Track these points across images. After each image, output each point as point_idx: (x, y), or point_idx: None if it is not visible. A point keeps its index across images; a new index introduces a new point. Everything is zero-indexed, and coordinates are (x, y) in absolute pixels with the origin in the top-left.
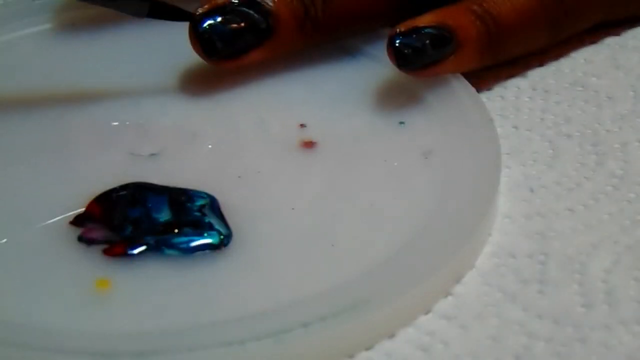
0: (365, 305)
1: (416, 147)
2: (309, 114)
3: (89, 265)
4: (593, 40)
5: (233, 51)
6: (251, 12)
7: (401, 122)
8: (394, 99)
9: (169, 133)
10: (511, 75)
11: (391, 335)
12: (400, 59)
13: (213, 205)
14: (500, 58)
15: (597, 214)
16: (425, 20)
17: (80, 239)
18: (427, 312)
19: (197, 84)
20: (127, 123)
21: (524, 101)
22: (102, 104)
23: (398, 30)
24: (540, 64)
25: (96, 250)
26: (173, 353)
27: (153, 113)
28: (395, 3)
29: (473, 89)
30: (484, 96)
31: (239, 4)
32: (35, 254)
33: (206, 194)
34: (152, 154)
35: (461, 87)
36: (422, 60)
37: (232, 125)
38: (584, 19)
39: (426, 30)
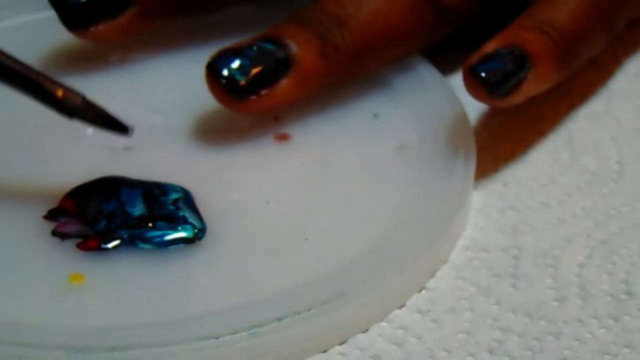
0: (338, 299)
1: (390, 140)
2: (283, 107)
3: (63, 259)
4: None
5: (256, 86)
6: (268, 46)
7: (375, 115)
8: (368, 92)
9: (143, 127)
10: None
11: (365, 330)
12: (490, 87)
13: (187, 199)
14: (574, 66)
15: (570, 208)
16: (492, 46)
17: (54, 233)
18: (401, 307)
19: (172, 77)
20: None
21: None
22: None
23: (474, 59)
24: None
25: (70, 245)
26: (147, 347)
27: (127, 106)
28: (420, 28)
29: (448, 84)
30: (459, 92)
31: (253, 44)
32: (8, 248)
33: (180, 187)
34: (126, 148)
35: (436, 82)
36: (511, 82)
37: (206, 119)
38: (627, 14)
39: (501, 51)
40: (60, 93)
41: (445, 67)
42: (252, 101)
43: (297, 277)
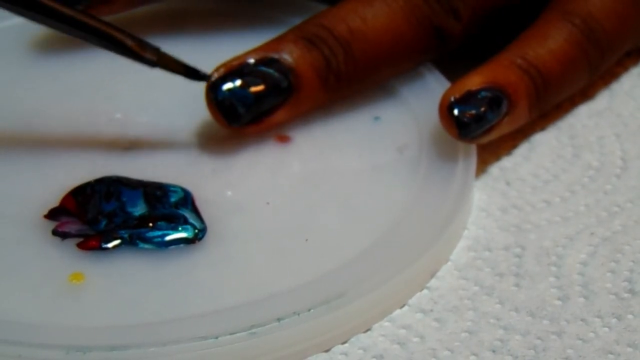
0: (340, 299)
1: (391, 142)
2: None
3: (63, 259)
4: None
5: (256, 115)
6: (270, 71)
7: (376, 118)
8: (370, 94)
9: (144, 127)
10: None
11: (367, 329)
12: (462, 128)
13: (187, 199)
14: (546, 109)
15: (573, 206)
16: (476, 82)
17: (55, 232)
18: (402, 306)
19: (172, 78)
20: (103, 117)
21: None
22: (78, 97)
23: (452, 97)
24: None
25: (70, 244)
26: (147, 347)
27: (128, 107)
28: (423, 52)
29: (448, 84)
30: None
31: (256, 64)
32: (9, 248)
33: (181, 188)
34: (127, 148)
35: (436, 82)
36: (483, 127)
37: (207, 120)
38: (618, 52)
39: (482, 94)
40: (139, 47)
41: (446, 69)
42: (250, 127)
43: (297, 278)
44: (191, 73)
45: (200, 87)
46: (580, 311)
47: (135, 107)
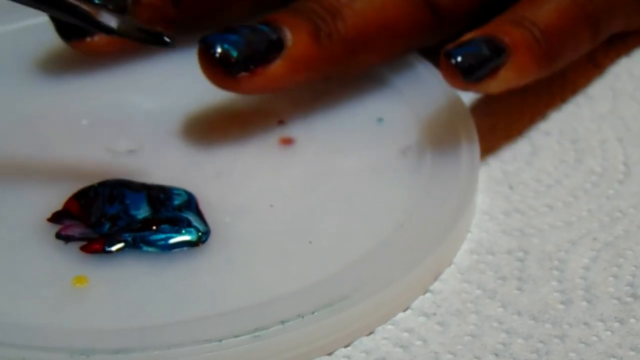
0: (343, 302)
1: (394, 144)
2: (288, 111)
3: (67, 262)
4: None
5: (249, 62)
6: (260, 26)
7: (379, 119)
8: (373, 96)
9: (147, 130)
10: None
11: (370, 332)
12: (465, 70)
13: (191, 202)
14: (558, 63)
15: (576, 210)
16: (469, 35)
17: (58, 235)
18: (405, 309)
19: (177, 80)
20: (105, 119)
21: (502, 99)
22: (81, 100)
23: (451, 46)
24: None
25: (74, 247)
26: (151, 350)
27: (131, 109)
28: (415, 26)
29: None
30: (463, 95)
31: (244, 26)
32: (12, 251)
33: (184, 190)
34: (130, 151)
35: (440, 85)
36: (486, 67)
37: (211, 122)
38: (614, 22)
39: (478, 39)
40: (97, 13)
41: None
42: (243, 79)
43: (301, 280)
44: (154, 39)
45: (204, 87)
46: (582, 315)
47: (138, 110)
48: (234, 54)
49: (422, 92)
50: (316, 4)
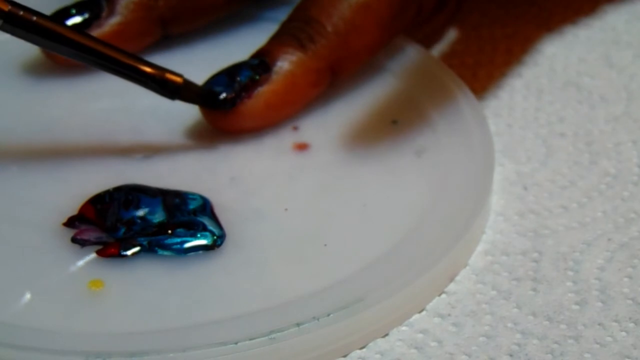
0: (358, 304)
1: (409, 145)
2: (302, 116)
3: (83, 266)
4: (588, 36)
5: (239, 91)
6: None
7: (394, 121)
8: (387, 98)
9: (162, 135)
10: (505, 75)
11: (385, 334)
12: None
13: (206, 206)
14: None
15: (590, 211)
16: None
17: (74, 240)
18: (420, 311)
19: None
20: (121, 125)
21: (517, 100)
22: (96, 105)
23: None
24: (535, 63)
25: (89, 251)
26: (166, 353)
27: (146, 115)
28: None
29: (467, 88)
30: (478, 95)
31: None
32: (29, 255)
33: (199, 195)
34: (146, 156)
35: (454, 86)
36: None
37: None
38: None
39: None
40: (163, 76)
41: (463, 71)
42: (239, 108)
43: (317, 283)
44: (211, 102)
45: None
46: (597, 316)
47: (153, 115)
48: (219, 89)
49: (436, 94)
50: (302, 22)
